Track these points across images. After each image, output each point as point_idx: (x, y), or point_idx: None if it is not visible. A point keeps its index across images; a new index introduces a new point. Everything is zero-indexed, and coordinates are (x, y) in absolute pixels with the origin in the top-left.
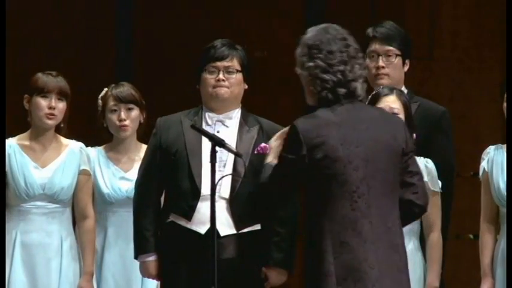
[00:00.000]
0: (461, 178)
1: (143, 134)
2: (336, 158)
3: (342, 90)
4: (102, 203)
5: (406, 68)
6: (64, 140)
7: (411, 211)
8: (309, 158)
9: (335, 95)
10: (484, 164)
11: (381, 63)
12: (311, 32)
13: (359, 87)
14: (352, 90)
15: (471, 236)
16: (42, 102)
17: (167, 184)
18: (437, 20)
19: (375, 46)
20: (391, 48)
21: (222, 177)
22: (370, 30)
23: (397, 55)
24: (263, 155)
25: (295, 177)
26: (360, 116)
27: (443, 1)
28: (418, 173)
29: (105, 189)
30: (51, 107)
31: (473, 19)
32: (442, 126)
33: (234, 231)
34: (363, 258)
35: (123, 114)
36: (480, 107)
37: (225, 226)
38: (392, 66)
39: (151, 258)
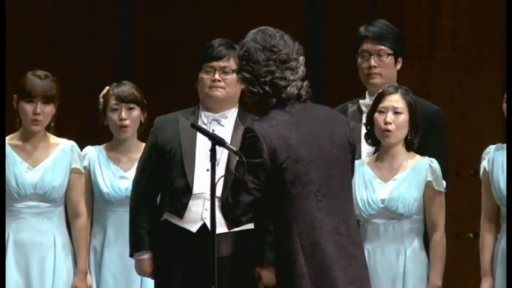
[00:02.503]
0: (461, 177)
1: (144, 133)
2: (298, 159)
3: (273, 100)
4: (102, 202)
5: (398, 67)
6: (55, 139)
7: None
8: (271, 160)
9: (266, 104)
10: (484, 164)
11: (372, 62)
12: (244, 39)
13: (292, 91)
14: (286, 97)
15: (471, 236)
16: (27, 108)
17: (162, 182)
18: (438, 19)
19: (367, 45)
20: (382, 47)
21: (220, 177)
22: (362, 30)
23: (388, 54)
24: None
25: (265, 180)
26: (313, 115)
27: (444, 1)
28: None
29: (104, 188)
30: (36, 113)
31: (474, 19)
32: (436, 125)
33: (225, 230)
34: (335, 257)
35: (124, 114)
36: (480, 107)
37: (217, 224)
38: (384, 66)
39: (146, 257)
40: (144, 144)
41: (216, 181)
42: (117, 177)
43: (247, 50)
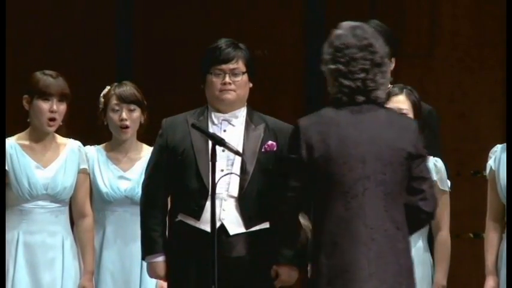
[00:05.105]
0: (461, 177)
1: (144, 134)
2: (330, 158)
3: (361, 98)
4: (101, 202)
5: (392, 66)
6: (62, 139)
7: (418, 218)
8: (307, 156)
9: (352, 100)
10: (491, 162)
11: None
12: (340, 31)
13: (380, 94)
14: (371, 99)
15: (471, 235)
16: (44, 106)
17: (174, 184)
18: (438, 19)
19: None
20: None
21: (222, 176)
22: None
23: None
24: (271, 153)
25: (299, 177)
26: (364, 117)
27: (443, 1)
28: (428, 179)
29: (103, 188)
30: (52, 111)
31: (474, 18)
32: (429, 125)
33: (243, 230)
34: (354, 259)
35: (124, 115)
36: (480, 107)
37: (234, 225)
38: None
39: (160, 259)
40: (143, 145)
41: (216, 181)
42: (116, 177)
43: (346, 44)
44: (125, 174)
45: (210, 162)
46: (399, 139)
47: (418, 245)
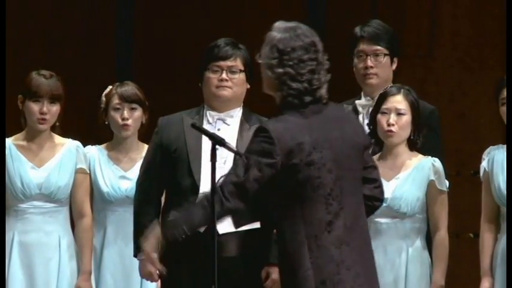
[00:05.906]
0: (462, 177)
1: (144, 134)
2: (310, 162)
3: (308, 98)
4: (102, 201)
5: (394, 67)
6: (60, 139)
7: (373, 205)
8: (283, 162)
9: (301, 101)
10: (484, 164)
11: (369, 63)
12: (280, 33)
13: (324, 92)
14: (317, 98)
15: (471, 235)
16: (34, 107)
17: (168, 182)
18: (438, 19)
19: (363, 46)
20: (378, 47)
21: (221, 177)
22: (357, 30)
23: (385, 54)
24: None
25: (270, 182)
26: (326, 117)
27: (444, 1)
28: (376, 167)
29: (104, 188)
30: (42, 112)
31: (474, 18)
32: (431, 125)
33: (232, 229)
34: (340, 261)
35: (126, 114)
36: (480, 107)
37: (224, 224)
38: (380, 66)
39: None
40: (144, 145)
41: (216, 181)
42: (117, 177)
43: (291, 46)
44: (126, 174)
45: (210, 162)
46: (356, 134)
47: (416, 244)
